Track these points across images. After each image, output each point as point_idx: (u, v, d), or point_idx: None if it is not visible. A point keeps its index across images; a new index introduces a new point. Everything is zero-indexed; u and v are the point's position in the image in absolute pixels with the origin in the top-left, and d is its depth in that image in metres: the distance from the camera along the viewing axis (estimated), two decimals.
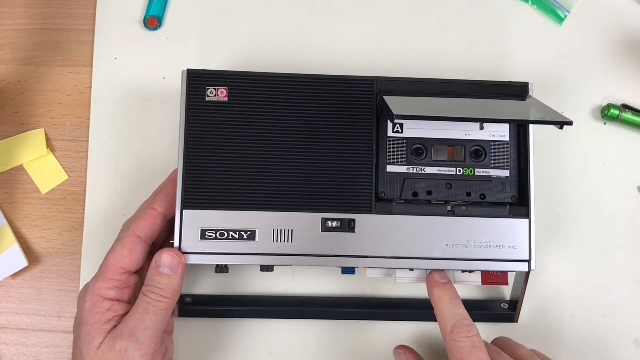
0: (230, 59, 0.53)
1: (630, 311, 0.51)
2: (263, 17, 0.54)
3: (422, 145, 0.46)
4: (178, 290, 0.42)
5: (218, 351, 0.50)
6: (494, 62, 0.54)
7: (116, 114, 0.52)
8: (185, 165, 0.44)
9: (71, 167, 0.52)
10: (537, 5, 0.55)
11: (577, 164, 0.53)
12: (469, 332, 0.41)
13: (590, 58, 0.55)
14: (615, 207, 0.52)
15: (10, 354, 0.49)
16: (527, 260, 0.45)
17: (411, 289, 0.51)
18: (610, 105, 0.52)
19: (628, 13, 0.55)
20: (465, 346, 0.40)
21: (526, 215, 0.45)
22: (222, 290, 0.51)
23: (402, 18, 0.55)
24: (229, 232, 0.44)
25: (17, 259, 0.50)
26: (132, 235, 0.43)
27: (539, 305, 0.51)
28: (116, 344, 0.40)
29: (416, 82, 0.46)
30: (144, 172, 0.51)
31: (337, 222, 0.44)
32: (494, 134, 0.46)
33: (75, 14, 0.54)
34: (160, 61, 0.53)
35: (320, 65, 0.53)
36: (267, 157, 0.44)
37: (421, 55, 0.54)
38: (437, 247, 0.44)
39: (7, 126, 0.52)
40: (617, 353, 0.51)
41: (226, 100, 0.45)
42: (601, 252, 0.52)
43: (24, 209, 0.51)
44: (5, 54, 0.53)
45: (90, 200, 0.51)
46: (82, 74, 0.53)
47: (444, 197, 0.45)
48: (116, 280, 0.42)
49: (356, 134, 0.45)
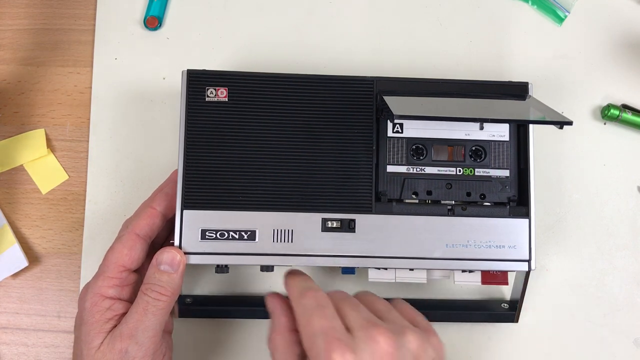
0: (230, 59, 0.53)
1: (630, 311, 0.51)
2: (263, 17, 0.54)
3: (422, 145, 0.46)
4: (177, 288, 0.42)
5: (218, 351, 0.50)
6: (494, 62, 0.54)
7: (116, 114, 0.52)
8: (185, 165, 0.44)
9: (71, 167, 0.52)
10: (537, 5, 0.55)
11: (577, 164, 0.53)
12: (315, 292, 0.39)
13: (590, 58, 0.55)
14: (615, 207, 0.52)
15: (10, 354, 0.49)
16: (527, 260, 0.45)
17: (411, 288, 0.51)
18: (610, 105, 0.52)
19: (628, 13, 0.55)
20: (310, 305, 0.38)
21: (526, 215, 0.45)
22: (222, 290, 0.51)
23: (402, 18, 0.55)
24: (229, 232, 0.44)
25: (17, 259, 0.50)
26: (131, 233, 0.43)
27: (539, 305, 0.51)
28: (116, 345, 0.40)
29: (416, 82, 0.46)
30: (144, 172, 0.51)
31: (337, 222, 0.44)
32: (494, 134, 0.46)
33: (75, 14, 0.54)
34: (160, 61, 0.53)
35: (320, 65, 0.53)
36: (267, 157, 0.44)
37: (421, 55, 0.54)
38: (437, 247, 0.44)
39: (7, 126, 0.52)
40: (617, 353, 0.51)
41: (226, 100, 0.45)
42: (601, 252, 0.52)
43: (24, 209, 0.51)
44: (5, 54, 0.53)
45: (90, 200, 0.51)
46: (82, 74, 0.53)
47: (443, 197, 0.45)
48: (116, 278, 0.42)
49: (356, 133, 0.45)
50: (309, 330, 0.37)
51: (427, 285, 0.51)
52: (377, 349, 0.36)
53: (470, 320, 0.50)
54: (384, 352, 0.36)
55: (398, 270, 0.46)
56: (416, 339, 0.38)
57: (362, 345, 0.36)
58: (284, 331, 0.40)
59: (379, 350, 0.36)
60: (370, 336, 0.36)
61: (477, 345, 0.50)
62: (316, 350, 0.36)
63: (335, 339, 0.36)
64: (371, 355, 0.36)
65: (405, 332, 0.38)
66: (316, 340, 0.36)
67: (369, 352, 0.36)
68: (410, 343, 0.37)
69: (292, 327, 0.40)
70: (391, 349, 0.36)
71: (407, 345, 0.37)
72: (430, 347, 0.38)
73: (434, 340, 0.39)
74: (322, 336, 0.36)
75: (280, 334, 0.40)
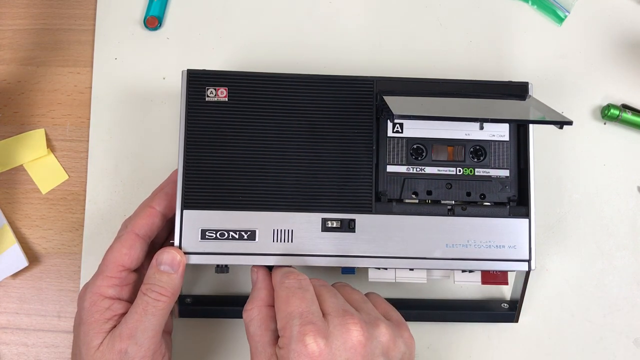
0: (230, 59, 0.53)
1: (630, 311, 0.51)
2: (263, 17, 0.54)
3: (422, 145, 0.46)
4: (177, 289, 0.42)
5: (218, 351, 0.50)
6: (494, 62, 0.54)
7: (116, 114, 0.52)
8: (185, 165, 0.44)
9: (71, 167, 0.52)
10: (537, 5, 0.55)
11: (577, 164, 0.53)
12: (298, 276, 0.41)
13: (590, 58, 0.55)
14: (615, 207, 0.52)
15: (10, 354, 0.49)
16: (527, 260, 0.45)
17: (411, 288, 0.51)
18: (610, 105, 0.52)
19: (628, 13, 0.55)
20: (292, 286, 0.40)
21: (526, 214, 0.45)
22: (222, 290, 0.51)
23: (402, 18, 0.55)
24: (229, 232, 0.44)
25: (17, 259, 0.50)
26: (130, 232, 0.43)
27: (539, 305, 0.51)
28: (115, 345, 0.40)
29: (416, 82, 0.46)
30: (144, 172, 0.51)
31: (337, 222, 0.44)
32: (494, 134, 0.46)
33: (75, 14, 0.54)
34: (160, 61, 0.53)
35: (320, 65, 0.53)
36: (267, 157, 0.44)
37: (421, 55, 0.54)
38: (437, 247, 0.44)
39: (7, 126, 0.52)
40: (617, 353, 0.51)
41: (226, 100, 0.45)
42: (601, 252, 0.52)
43: (24, 209, 0.51)
44: (5, 54, 0.53)
45: (90, 200, 0.51)
46: (82, 74, 0.53)
47: (443, 197, 0.45)
48: (115, 278, 0.42)
49: (356, 133, 0.45)
50: (286, 309, 0.39)
51: (427, 285, 0.51)
52: (349, 337, 0.37)
53: (470, 320, 0.50)
54: (356, 341, 0.37)
55: (398, 270, 0.46)
56: (388, 331, 0.39)
57: (336, 333, 0.37)
58: (262, 305, 0.41)
59: (350, 339, 0.37)
60: (344, 324, 0.38)
61: (477, 345, 0.50)
62: (290, 331, 0.37)
63: (310, 322, 0.37)
64: (343, 343, 0.37)
65: (377, 324, 0.39)
66: (292, 321, 0.38)
67: (341, 340, 0.37)
68: (382, 335, 0.39)
69: (270, 303, 0.41)
70: (363, 339, 0.38)
71: (379, 337, 0.39)
72: (401, 340, 0.40)
73: (406, 334, 0.41)
74: (298, 318, 0.38)
75: (258, 307, 0.41)
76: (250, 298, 0.42)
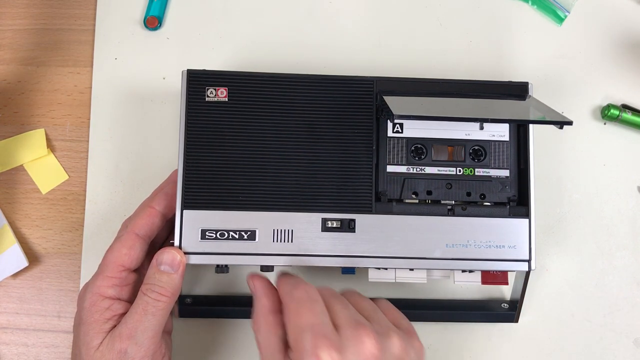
0: (230, 59, 0.53)
1: (630, 311, 0.51)
2: (263, 17, 0.54)
3: (422, 145, 0.46)
4: (177, 289, 0.42)
5: (218, 351, 0.50)
6: (494, 62, 0.54)
7: (116, 114, 0.52)
8: (185, 165, 0.44)
9: (71, 167, 0.52)
10: (537, 5, 0.55)
11: (577, 164, 0.53)
12: (306, 286, 0.40)
13: (590, 58, 0.55)
14: (615, 207, 0.52)
15: (10, 354, 0.49)
16: (527, 260, 0.45)
17: (411, 288, 0.51)
18: (610, 105, 0.52)
19: (628, 13, 0.55)
20: (301, 297, 0.39)
21: (526, 214, 0.45)
22: (222, 290, 0.51)
23: (402, 18, 0.55)
24: (229, 232, 0.44)
25: (17, 259, 0.50)
26: (130, 232, 0.43)
27: (539, 305, 0.51)
28: (115, 345, 0.40)
29: (416, 82, 0.46)
30: (144, 172, 0.51)
31: (337, 222, 0.44)
32: (494, 134, 0.46)
33: (75, 14, 0.54)
34: (160, 61, 0.53)
35: (320, 65, 0.53)
36: (267, 157, 0.44)
37: (421, 55, 0.54)
38: (437, 247, 0.44)
39: (7, 126, 0.52)
40: (617, 353, 0.51)
41: (226, 100, 0.45)
42: (601, 252, 0.52)
43: (24, 209, 0.51)
44: (5, 54, 0.53)
45: (90, 200, 0.51)
46: (82, 74, 0.53)
47: (443, 197, 0.45)
48: (115, 278, 0.42)
49: (356, 133, 0.45)
50: (297, 322, 0.38)
51: (427, 285, 0.51)
52: (363, 349, 0.37)
53: (470, 320, 0.50)
54: (369, 353, 0.37)
55: (398, 270, 0.46)
56: (400, 341, 0.39)
57: (349, 345, 0.37)
58: (266, 313, 0.40)
59: (364, 352, 0.37)
60: (357, 336, 0.37)
61: (477, 345, 0.50)
62: (302, 345, 0.37)
63: (323, 336, 0.36)
64: (356, 355, 0.37)
65: (390, 335, 0.38)
66: (304, 335, 0.37)
67: (354, 352, 0.37)
68: (395, 347, 0.38)
69: (273, 309, 0.40)
70: (376, 350, 0.37)
71: (392, 348, 0.38)
72: (412, 349, 0.40)
73: (416, 343, 0.40)
74: (310, 332, 0.37)
75: (263, 316, 0.40)
76: (254, 309, 0.41)
